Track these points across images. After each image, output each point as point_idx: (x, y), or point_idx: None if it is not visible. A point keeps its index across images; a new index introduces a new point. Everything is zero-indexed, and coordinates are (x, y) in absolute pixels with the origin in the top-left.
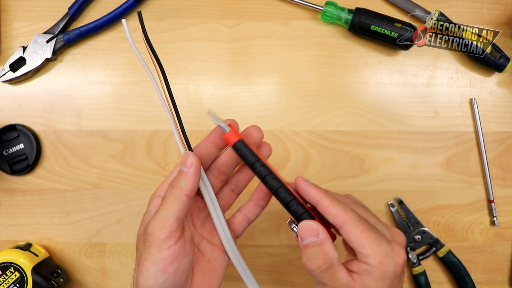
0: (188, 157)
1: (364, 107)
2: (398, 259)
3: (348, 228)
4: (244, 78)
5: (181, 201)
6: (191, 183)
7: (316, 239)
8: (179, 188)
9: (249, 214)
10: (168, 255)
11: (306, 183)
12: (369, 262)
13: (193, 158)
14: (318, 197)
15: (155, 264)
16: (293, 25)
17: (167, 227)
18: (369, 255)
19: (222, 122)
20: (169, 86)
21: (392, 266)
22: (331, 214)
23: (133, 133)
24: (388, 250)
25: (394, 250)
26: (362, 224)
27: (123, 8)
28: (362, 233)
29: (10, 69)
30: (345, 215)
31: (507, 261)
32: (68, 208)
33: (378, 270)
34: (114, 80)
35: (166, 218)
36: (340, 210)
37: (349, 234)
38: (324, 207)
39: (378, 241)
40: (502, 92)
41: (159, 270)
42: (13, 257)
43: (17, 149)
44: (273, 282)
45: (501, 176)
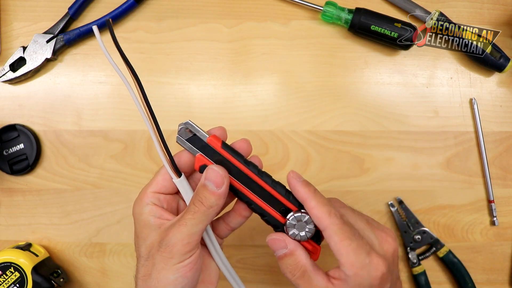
0: (219, 176)
1: (364, 107)
2: (375, 272)
3: (329, 233)
4: (244, 78)
5: (210, 218)
6: (222, 203)
7: (285, 250)
8: (210, 207)
9: (232, 223)
10: (188, 263)
11: (296, 180)
12: (345, 271)
13: (225, 178)
14: (305, 196)
15: (175, 272)
16: (293, 25)
17: (193, 241)
18: (345, 265)
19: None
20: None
21: (367, 279)
22: (315, 216)
23: (133, 133)
24: (365, 262)
25: (372, 262)
26: (343, 232)
27: (123, 8)
28: (342, 241)
29: (10, 69)
30: (328, 219)
31: (507, 261)
32: (68, 208)
33: (353, 281)
34: (114, 80)
35: (192, 233)
36: (324, 213)
37: (329, 239)
38: (310, 207)
39: (356, 251)
40: (502, 92)
41: (179, 277)
42: (13, 257)
43: (17, 149)
44: (273, 282)
45: (501, 176)
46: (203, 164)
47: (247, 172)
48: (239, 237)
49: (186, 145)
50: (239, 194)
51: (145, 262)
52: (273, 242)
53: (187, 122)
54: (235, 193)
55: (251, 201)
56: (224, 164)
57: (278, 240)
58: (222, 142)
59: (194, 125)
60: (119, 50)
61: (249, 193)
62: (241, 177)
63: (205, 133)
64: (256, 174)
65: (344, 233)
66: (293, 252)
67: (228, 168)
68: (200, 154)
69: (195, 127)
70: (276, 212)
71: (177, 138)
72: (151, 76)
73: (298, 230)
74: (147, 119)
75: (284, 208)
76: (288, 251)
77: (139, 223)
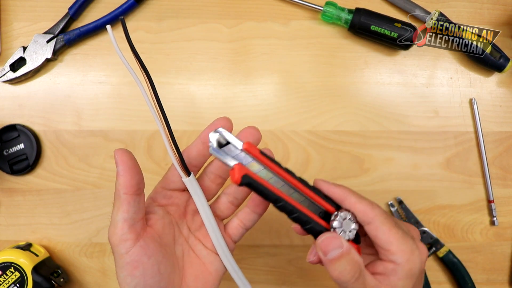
0: (116, 155)
1: (364, 107)
2: (423, 256)
3: (376, 224)
4: (244, 78)
5: (122, 201)
6: (123, 181)
7: (341, 249)
8: (116, 189)
9: (245, 220)
10: (130, 260)
11: (328, 183)
12: (396, 260)
13: (119, 153)
14: (344, 194)
15: (121, 269)
16: (293, 25)
17: (117, 231)
18: (396, 253)
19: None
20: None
21: (418, 263)
22: (359, 210)
23: (133, 133)
24: (414, 247)
25: (419, 247)
26: (389, 221)
27: (123, 8)
28: (390, 230)
29: (10, 69)
30: (373, 211)
31: (507, 261)
32: (68, 208)
33: (404, 268)
34: (114, 80)
35: (115, 223)
36: (367, 206)
37: (377, 231)
38: (351, 203)
39: (404, 238)
40: (502, 92)
41: (127, 276)
42: (13, 257)
43: (17, 149)
44: (273, 282)
45: (501, 176)
46: (246, 174)
47: (287, 178)
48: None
49: (221, 155)
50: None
51: None
52: (329, 241)
53: (219, 129)
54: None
55: (296, 209)
56: (264, 172)
57: (334, 238)
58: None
59: (227, 133)
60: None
61: (292, 201)
62: (282, 185)
63: (239, 140)
64: (296, 178)
65: (390, 222)
66: (349, 250)
67: (268, 176)
68: (238, 164)
69: (229, 134)
70: (319, 217)
71: (210, 148)
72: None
73: (346, 229)
74: (157, 117)
75: (322, 211)
76: (344, 250)
77: None
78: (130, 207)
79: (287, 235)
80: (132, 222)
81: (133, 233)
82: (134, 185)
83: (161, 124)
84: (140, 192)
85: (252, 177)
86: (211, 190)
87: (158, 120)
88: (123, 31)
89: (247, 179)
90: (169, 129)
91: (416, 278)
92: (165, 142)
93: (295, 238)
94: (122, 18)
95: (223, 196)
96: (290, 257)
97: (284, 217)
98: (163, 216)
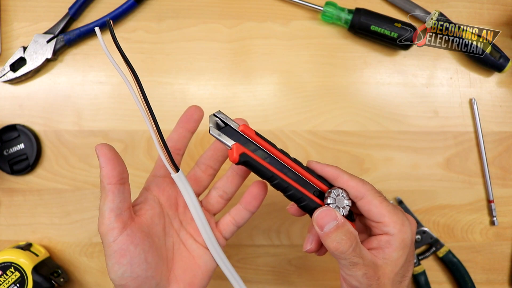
0: (96, 150)
1: (364, 107)
2: (413, 227)
3: (368, 198)
4: (244, 78)
5: (106, 191)
6: (105, 172)
7: (337, 221)
8: (101, 181)
9: (237, 217)
10: (117, 248)
11: (320, 164)
12: (389, 231)
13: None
14: (336, 172)
15: (109, 258)
16: (293, 25)
17: (105, 221)
18: (389, 224)
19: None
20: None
21: (409, 233)
22: (352, 186)
23: (133, 133)
24: (404, 218)
25: (409, 218)
26: (379, 195)
27: (123, 8)
28: (382, 203)
29: (10, 69)
30: (364, 186)
31: (507, 261)
32: (68, 208)
33: (398, 238)
34: (114, 80)
35: (102, 213)
36: (359, 182)
37: (370, 205)
38: (344, 180)
39: (395, 210)
40: (502, 92)
41: (114, 264)
42: (13, 257)
43: (17, 149)
44: (273, 282)
45: (500, 176)
46: (243, 152)
47: (282, 158)
48: (239, 237)
49: (220, 136)
50: (279, 180)
51: None
52: (324, 214)
53: (218, 112)
54: (273, 180)
55: (292, 187)
56: (260, 152)
57: (328, 211)
58: (255, 131)
59: (225, 115)
60: (119, 50)
61: (287, 179)
62: (278, 164)
63: (236, 123)
64: (290, 159)
65: (380, 196)
66: (344, 222)
67: (264, 156)
68: (236, 144)
69: (227, 117)
70: (313, 195)
71: (209, 128)
72: (151, 76)
73: (339, 205)
74: (146, 115)
75: (317, 190)
76: (340, 222)
77: None
78: (115, 196)
79: (287, 235)
80: (118, 212)
81: (120, 222)
82: (116, 175)
83: (149, 121)
84: (123, 182)
85: (249, 156)
86: (202, 181)
87: (146, 116)
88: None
89: (245, 157)
90: (156, 125)
91: (409, 248)
92: (153, 138)
93: (295, 238)
94: (109, 20)
95: (213, 190)
96: (290, 257)
97: (284, 217)
98: (153, 207)
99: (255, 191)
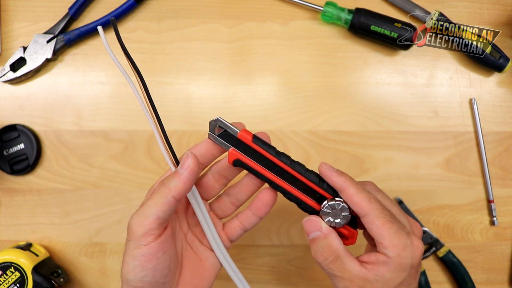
0: (187, 159)
1: (364, 107)
2: (416, 252)
3: (370, 218)
4: (244, 78)
5: (166, 201)
6: (181, 186)
7: (319, 232)
8: (168, 188)
9: (245, 222)
10: (146, 252)
11: (330, 171)
12: (387, 253)
13: (191, 161)
14: (344, 184)
15: (133, 259)
16: (293, 25)
17: (146, 224)
18: (388, 247)
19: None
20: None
21: (410, 259)
22: (355, 203)
23: (133, 133)
24: (407, 243)
25: (413, 243)
26: (384, 215)
27: (123, 8)
28: (384, 225)
29: (10, 69)
30: (369, 204)
31: (507, 261)
32: (68, 208)
33: (395, 262)
34: (114, 80)
35: (147, 215)
36: (364, 199)
37: (371, 224)
38: (349, 195)
39: (398, 233)
40: (502, 92)
41: (138, 266)
42: (13, 257)
43: (17, 149)
44: (273, 282)
45: (500, 176)
46: (237, 158)
47: (279, 163)
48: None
49: (218, 141)
50: (273, 184)
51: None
52: (309, 223)
53: (217, 118)
54: (270, 183)
55: (286, 191)
56: (256, 157)
57: (314, 221)
58: (253, 136)
59: (224, 121)
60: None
61: (282, 183)
62: (274, 168)
63: (235, 128)
64: (288, 164)
65: (385, 217)
66: (326, 235)
67: (260, 161)
68: (232, 149)
69: (226, 123)
70: (311, 200)
71: (208, 134)
72: (151, 76)
73: (333, 217)
74: (151, 118)
75: (319, 196)
76: (322, 234)
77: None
78: (169, 208)
79: (287, 235)
80: (162, 221)
81: (159, 230)
82: (184, 192)
83: (155, 126)
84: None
85: (243, 161)
86: (214, 188)
87: (152, 122)
88: (114, 31)
89: (239, 163)
90: (162, 130)
91: (407, 272)
92: (159, 143)
93: (295, 238)
94: (113, 19)
95: (225, 196)
96: (290, 257)
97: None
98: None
99: (265, 198)
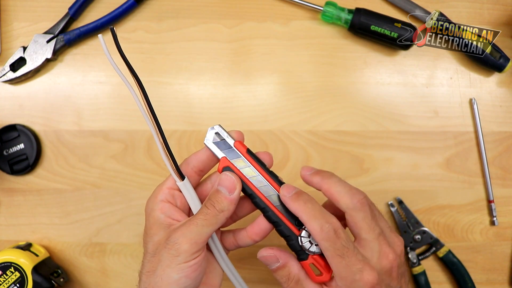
0: (232, 182)
1: (364, 107)
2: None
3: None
4: (244, 78)
5: (220, 222)
6: (233, 208)
7: (278, 263)
8: (221, 211)
9: (240, 241)
10: (193, 264)
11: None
12: (337, 283)
13: (237, 184)
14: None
15: (179, 271)
16: (293, 25)
17: (201, 242)
18: (337, 278)
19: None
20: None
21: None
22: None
23: (133, 133)
24: (355, 278)
25: (362, 279)
26: (335, 249)
27: (123, 8)
28: (333, 258)
29: (10, 69)
30: (319, 234)
31: (507, 261)
32: (68, 208)
33: None
34: (114, 80)
35: (201, 234)
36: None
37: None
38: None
39: (347, 268)
40: (502, 92)
41: (183, 277)
42: (13, 257)
43: (17, 149)
44: (273, 282)
45: (500, 176)
46: (226, 166)
47: (268, 180)
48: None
49: (213, 148)
50: (257, 199)
51: (151, 258)
52: (265, 259)
53: (216, 126)
54: (252, 198)
55: (268, 209)
56: (248, 169)
57: (270, 257)
58: (247, 149)
59: (222, 130)
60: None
61: (266, 201)
62: (262, 184)
63: (232, 138)
64: (277, 183)
65: (335, 250)
66: (285, 264)
67: (250, 174)
68: (224, 157)
69: (223, 131)
70: (291, 223)
71: (205, 140)
72: (151, 76)
73: (312, 242)
74: (152, 126)
75: (299, 220)
76: (280, 264)
77: (150, 219)
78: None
79: None
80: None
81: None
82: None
83: (154, 130)
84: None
85: (233, 171)
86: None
87: (152, 127)
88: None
89: (228, 171)
90: (162, 135)
91: None
92: (159, 147)
93: None
94: (113, 27)
95: None
96: None
97: None
98: None
99: (262, 224)
